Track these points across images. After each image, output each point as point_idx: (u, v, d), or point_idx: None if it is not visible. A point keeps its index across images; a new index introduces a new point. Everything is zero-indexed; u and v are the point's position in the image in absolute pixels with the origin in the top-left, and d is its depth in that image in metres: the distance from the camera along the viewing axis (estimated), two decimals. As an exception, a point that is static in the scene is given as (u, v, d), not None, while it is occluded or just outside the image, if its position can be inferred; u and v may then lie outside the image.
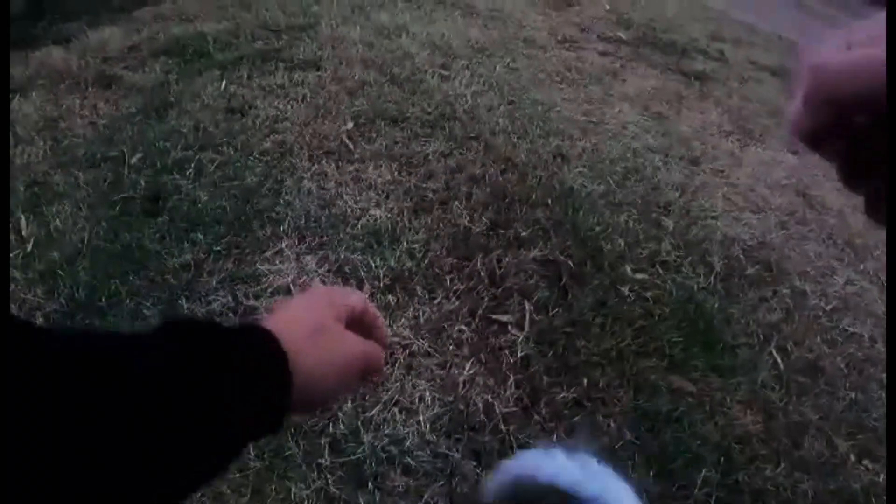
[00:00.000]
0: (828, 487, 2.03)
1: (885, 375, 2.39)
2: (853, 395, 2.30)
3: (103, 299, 2.32)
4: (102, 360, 0.49)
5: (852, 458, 2.12)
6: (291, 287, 2.40)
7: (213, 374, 0.55)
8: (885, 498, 2.01)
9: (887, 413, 1.95)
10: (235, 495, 1.86)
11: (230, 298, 2.35)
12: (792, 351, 2.40)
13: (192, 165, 2.95)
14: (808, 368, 2.36)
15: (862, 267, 2.94)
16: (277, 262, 2.51)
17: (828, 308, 2.62)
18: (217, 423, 0.54)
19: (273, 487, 1.88)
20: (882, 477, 2.08)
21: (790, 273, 2.70)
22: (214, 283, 2.40)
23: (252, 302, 2.35)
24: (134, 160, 3.00)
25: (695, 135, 3.69)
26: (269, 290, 2.39)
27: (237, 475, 1.90)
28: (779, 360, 2.35)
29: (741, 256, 2.69)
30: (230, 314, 2.31)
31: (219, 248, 2.55)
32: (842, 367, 2.40)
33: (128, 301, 2.32)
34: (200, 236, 2.58)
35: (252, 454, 1.95)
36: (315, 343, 0.66)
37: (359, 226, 2.64)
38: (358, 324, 0.75)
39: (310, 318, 0.68)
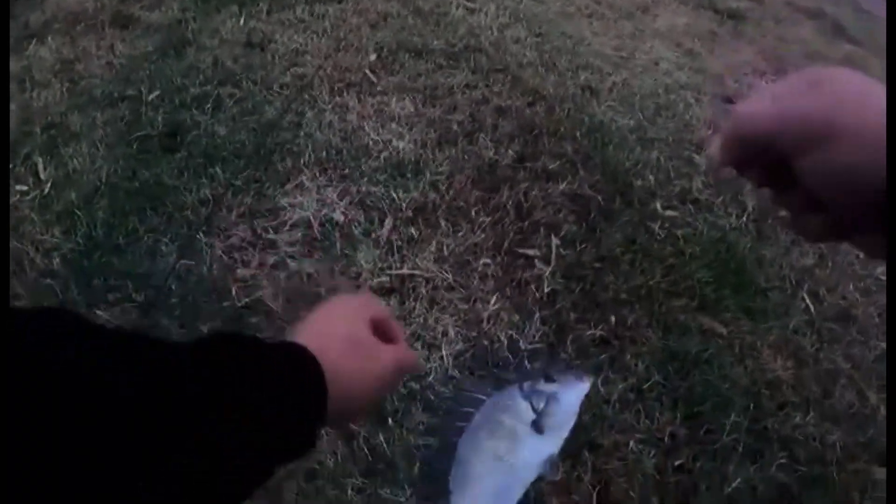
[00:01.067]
0: (857, 440, 1.96)
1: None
2: (885, 346, 2.22)
3: (121, 237, 2.27)
4: (140, 378, 0.47)
5: (883, 411, 2.05)
6: (312, 220, 2.34)
7: (245, 396, 0.54)
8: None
9: (888, 412, 1.90)
10: None
11: (249, 233, 2.30)
12: (824, 297, 2.32)
13: (211, 101, 2.88)
14: (841, 316, 2.28)
15: (899, 216, 2.83)
16: (298, 195, 2.45)
17: (862, 256, 2.53)
18: (248, 443, 0.53)
19: None
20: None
21: (825, 215, 2.60)
22: (234, 217, 2.35)
23: (272, 235, 2.30)
24: (152, 98, 2.93)
25: (728, 73, 3.54)
26: (289, 223, 2.34)
27: None
28: (811, 305, 2.27)
29: (775, 198, 2.59)
30: (249, 248, 2.27)
31: (238, 182, 2.49)
32: (874, 317, 2.32)
33: (146, 238, 2.27)
34: (219, 171, 2.52)
35: None
36: (350, 357, 0.65)
37: (381, 158, 2.57)
38: (381, 332, 0.73)
39: (343, 331, 0.67)
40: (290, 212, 2.37)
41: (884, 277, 2.46)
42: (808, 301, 2.28)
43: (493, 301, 2.12)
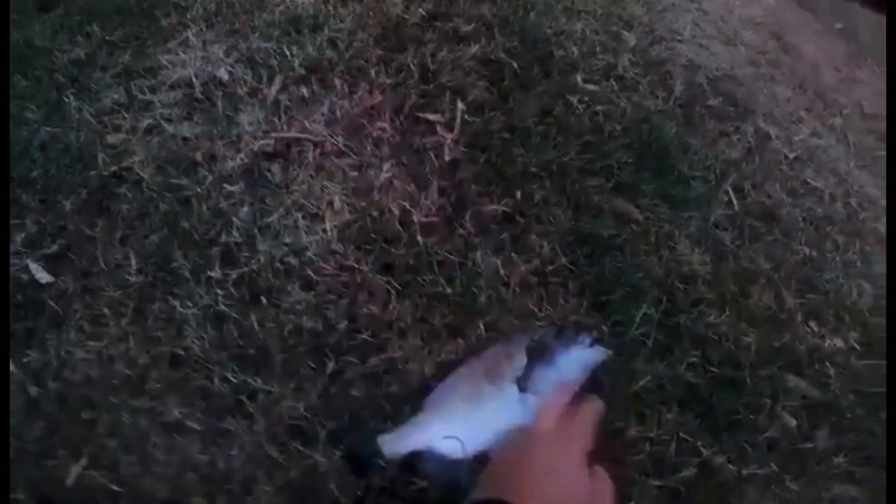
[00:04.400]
0: (772, 344, 1.84)
1: (841, 237, 2.22)
2: (807, 250, 2.10)
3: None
4: None
5: (800, 316, 1.94)
6: (193, 79, 2.04)
7: None
8: (827, 363, 1.87)
9: (888, 414, 1.78)
10: (116, 316, 1.58)
11: (123, 93, 2.00)
12: (749, 193, 2.15)
13: (92, -49, 2.49)
14: (764, 215, 2.14)
15: (830, 122, 2.71)
16: (181, 52, 2.14)
17: (791, 156, 2.38)
18: None
19: (157, 306, 1.59)
20: (828, 342, 1.92)
21: (755, 112, 2.43)
22: (108, 78, 2.04)
23: (148, 97, 1.99)
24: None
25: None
26: (169, 83, 2.04)
27: (117, 293, 1.60)
28: (734, 199, 2.11)
29: (705, 85, 2.39)
30: (122, 111, 1.96)
31: (115, 39, 2.16)
32: (799, 220, 2.19)
33: (11, 106, 1.95)
34: (97, 29, 2.18)
35: (134, 268, 1.64)
36: None
37: (277, 12, 2.25)
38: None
39: (578, 492, 0.71)
40: (171, 70, 2.06)
41: (811, 182, 2.34)
42: (731, 195, 2.11)
43: (386, 168, 1.86)
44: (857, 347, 1.95)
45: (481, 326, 1.64)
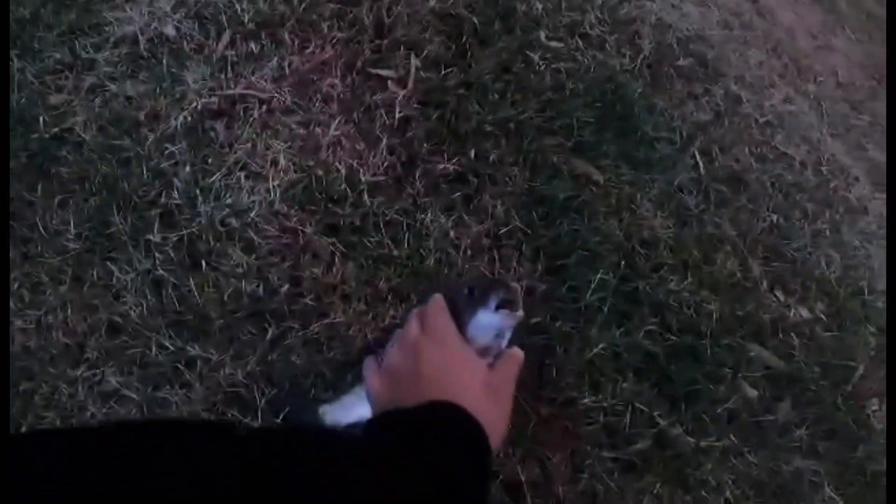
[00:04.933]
0: (735, 312, 1.79)
1: (811, 205, 2.17)
2: (775, 218, 2.05)
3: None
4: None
5: (764, 284, 1.90)
6: (139, 35, 1.94)
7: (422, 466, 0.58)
8: (792, 333, 1.83)
9: (887, 413, 1.78)
10: (54, 283, 1.51)
11: (67, 52, 1.89)
12: (716, 157, 2.09)
13: None
14: (731, 179, 2.08)
15: (804, 89, 2.65)
16: (127, 8, 2.03)
17: (761, 121, 2.31)
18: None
19: (95, 272, 1.53)
20: (793, 311, 1.88)
21: (726, 75, 2.35)
22: (52, 37, 1.94)
23: (91, 54, 1.89)
24: None
25: None
26: (113, 40, 1.93)
27: (56, 259, 1.54)
28: (701, 163, 2.04)
29: (675, 45, 2.30)
30: (66, 71, 1.86)
31: None
32: (767, 186, 2.13)
33: None
34: (42, -13, 2.08)
35: (73, 234, 1.56)
36: (491, 403, 0.74)
37: (230, -35, 2.15)
38: None
39: (479, 378, 0.77)
40: (116, 27, 1.96)
41: (782, 148, 2.28)
42: (698, 158, 2.04)
43: (335, 126, 1.77)
44: (824, 318, 1.91)
45: (429, 290, 1.58)
